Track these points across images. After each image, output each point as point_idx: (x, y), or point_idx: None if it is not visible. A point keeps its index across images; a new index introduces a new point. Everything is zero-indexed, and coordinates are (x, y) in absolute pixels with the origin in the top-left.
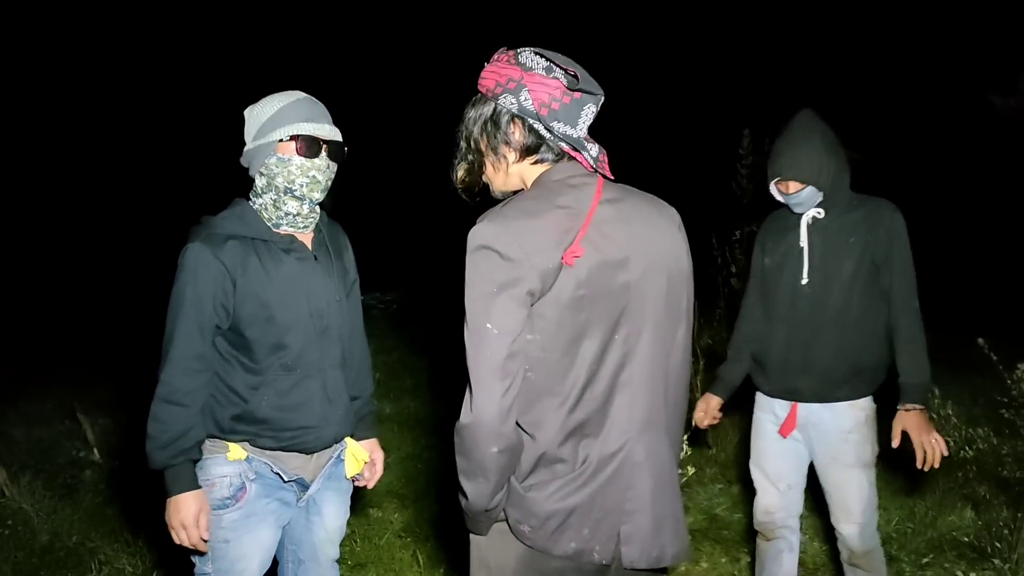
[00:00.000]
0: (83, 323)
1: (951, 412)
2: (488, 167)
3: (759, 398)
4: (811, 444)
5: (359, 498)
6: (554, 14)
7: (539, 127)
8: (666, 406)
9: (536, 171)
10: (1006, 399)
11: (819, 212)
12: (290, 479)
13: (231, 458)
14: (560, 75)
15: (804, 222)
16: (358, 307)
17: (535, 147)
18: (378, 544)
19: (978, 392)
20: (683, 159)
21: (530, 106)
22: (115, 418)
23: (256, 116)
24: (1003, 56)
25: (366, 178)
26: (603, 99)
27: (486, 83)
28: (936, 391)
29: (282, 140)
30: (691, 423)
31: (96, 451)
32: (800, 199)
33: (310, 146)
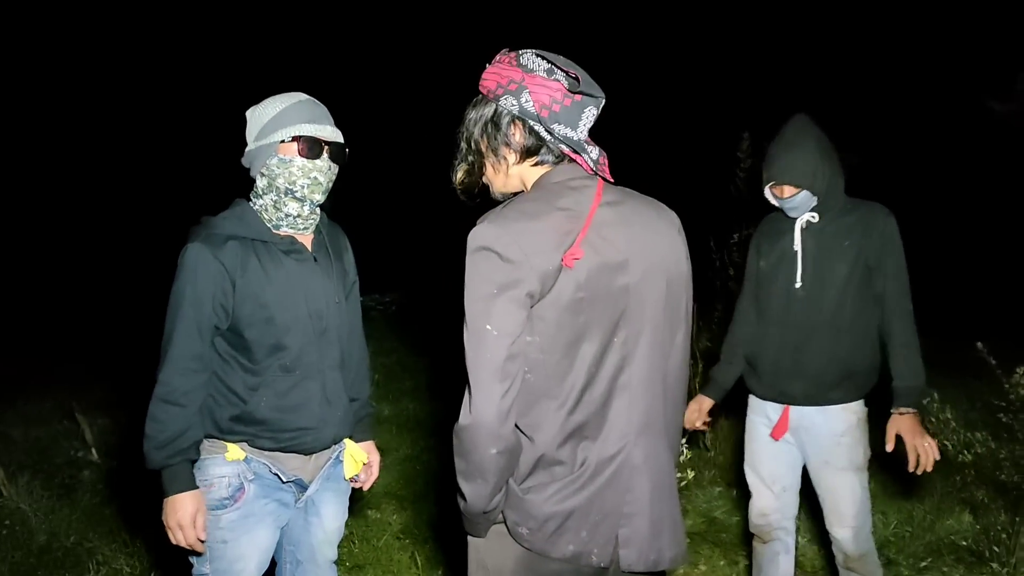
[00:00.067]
0: (82, 323)
1: (950, 416)
2: (488, 168)
3: (752, 401)
4: (803, 447)
5: (357, 499)
6: (555, 16)
7: (540, 129)
8: (665, 409)
9: (536, 173)
10: (1004, 403)
11: (813, 216)
12: (288, 480)
13: (229, 458)
14: (561, 77)
15: (798, 226)
16: (357, 309)
17: (535, 149)
18: (376, 545)
19: (976, 396)
20: (682, 162)
21: (531, 108)
22: (113, 418)
23: (258, 117)
24: (1002, 61)
25: (366, 179)
26: (604, 102)
27: (487, 84)
28: (935, 395)
29: (284, 141)
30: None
31: (94, 451)
32: (795, 203)
33: (312, 147)
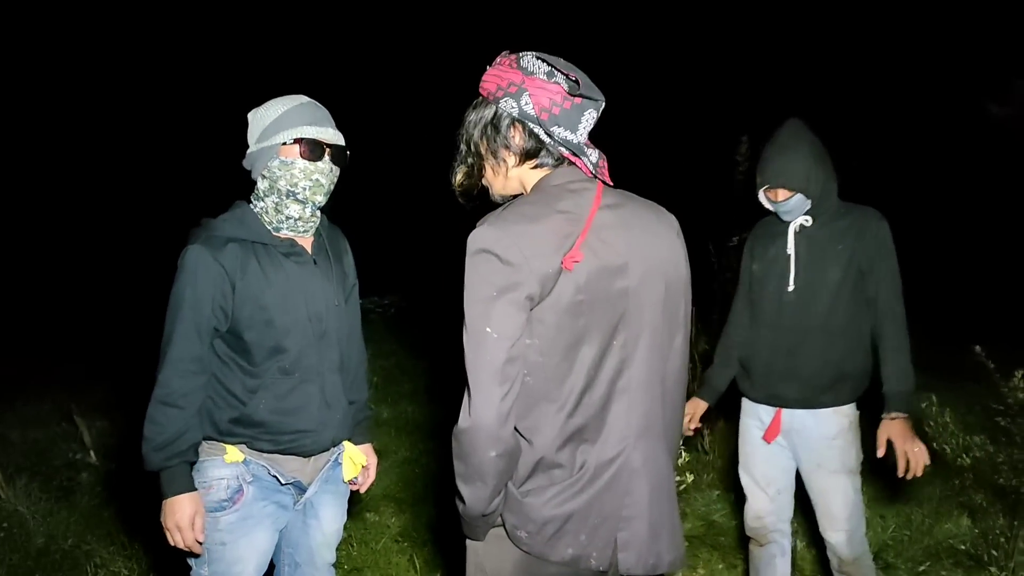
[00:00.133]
0: (81, 324)
1: (948, 420)
2: (488, 171)
3: (745, 404)
4: (796, 450)
5: (356, 502)
6: (555, 19)
7: (539, 131)
8: (663, 412)
9: (536, 175)
10: (1002, 407)
11: (807, 220)
12: (287, 482)
13: (228, 460)
14: (561, 80)
15: (792, 229)
16: (357, 312)
17: (535, 151)
18: (375, 548)
19: (974, 400)
20: (681, 165)
21: (531, 110)
22: (112, 420)
23: (260, 119)
24: (1000, 64)
25: (366, 181)
26: (604, 105)
27: (487, 86)
28: (934, 398)
29: (285, 143)
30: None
31: (93, 453)
32: (788, 207)
33: (313, 149)
